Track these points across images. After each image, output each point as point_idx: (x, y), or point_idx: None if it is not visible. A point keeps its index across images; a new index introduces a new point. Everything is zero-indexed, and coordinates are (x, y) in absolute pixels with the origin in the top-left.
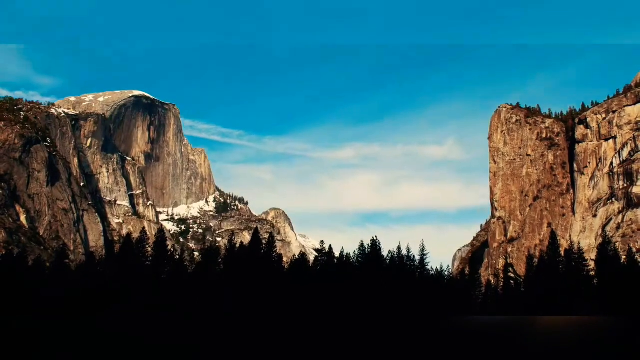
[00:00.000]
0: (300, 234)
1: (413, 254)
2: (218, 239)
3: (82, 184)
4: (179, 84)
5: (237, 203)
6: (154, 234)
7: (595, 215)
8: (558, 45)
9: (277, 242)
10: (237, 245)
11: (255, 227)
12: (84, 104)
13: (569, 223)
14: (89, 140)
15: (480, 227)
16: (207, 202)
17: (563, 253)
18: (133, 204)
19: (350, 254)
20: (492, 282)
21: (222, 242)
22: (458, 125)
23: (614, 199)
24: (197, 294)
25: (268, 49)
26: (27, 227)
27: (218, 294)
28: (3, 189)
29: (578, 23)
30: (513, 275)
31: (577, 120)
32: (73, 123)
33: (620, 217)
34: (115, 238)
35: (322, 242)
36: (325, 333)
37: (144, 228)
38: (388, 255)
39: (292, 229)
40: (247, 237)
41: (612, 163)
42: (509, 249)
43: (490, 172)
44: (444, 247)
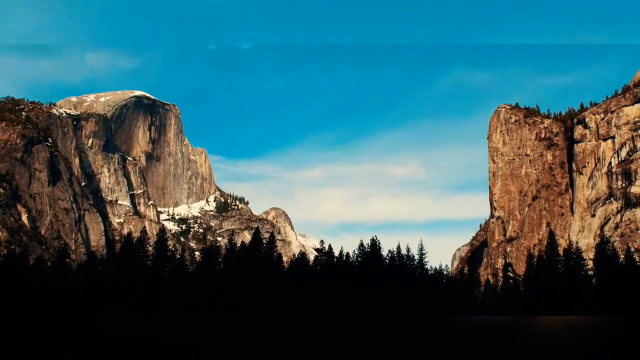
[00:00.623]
0: (300, 234)
1: (412, 254)
2: (218, 239)
3: (83, 184)
4: None
5: (237, 203)
6: (155, 234)
7: (594, 215)
8: (558, 46)
9: (277, 241)
10: (237, 245)
11: (257, 226)
12: (85, 104)
13: (568, 223)
14: (90, 140)
15: (480, 226)
16: (207, 201)
17: (562, 253)
18: (134, 204)
19: (350, 254)
20: (491, 281)
21: (222, 241)
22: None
23: (613, 199)
24: (198, 293)
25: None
26: (28, 226)
27: (219, 293)
28: (5, 189)
29: (578, 23)
30: (512, 275)
31: (575, 121)
32: (74, 123)
33: (619, 216)
34: (116, 237)
35: (322, 241)
36: (325, 332)
37: (145, 228)
38: (387, 255)
39: (292, 229)
40: (247, 236)
41: (610, 163)
42: (508, 249)
43: (490, 172)
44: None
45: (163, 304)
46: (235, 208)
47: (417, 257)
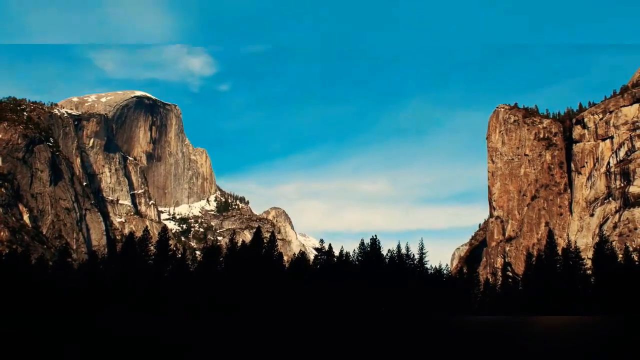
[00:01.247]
0: (301, 233)
1: (412, 253)
2: (219, 238)
3: (84, 184)
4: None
5: (238, 202)
6: (156, 233)
7: (593, 215)
8: (558, 45)
9: (277, 241)
10: (238, 244)
11: (257, 226)
12: (87, 104)
13: (567, 222)
14: (92, 140)
15: (479, 226)
16: (208, 201)
17: (560, 252)
18: (135, 204)
19: (350, 253)
20: (490, 281)
21: (223, 241)
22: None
23: (611, 199)
24: (198, 293)
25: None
26: (30, 226)
27: (219, 293)
28: (6, 189)
29: (577, 23)
30: (511, 274)
31: (574, 121)
32: (76, 123)
33: (617, 216)
34: (118, 237)
35: (321, 241)
36: (325, 331)
37: (147, 227)
38: (387, 254)
39: (292, 228)
40: (247, 236)
41: (609, 163)
42: (507, 248)
43: (489, 171)
44: None
45: (164, 304)
46: (236, 208)
47: (417, 256)
